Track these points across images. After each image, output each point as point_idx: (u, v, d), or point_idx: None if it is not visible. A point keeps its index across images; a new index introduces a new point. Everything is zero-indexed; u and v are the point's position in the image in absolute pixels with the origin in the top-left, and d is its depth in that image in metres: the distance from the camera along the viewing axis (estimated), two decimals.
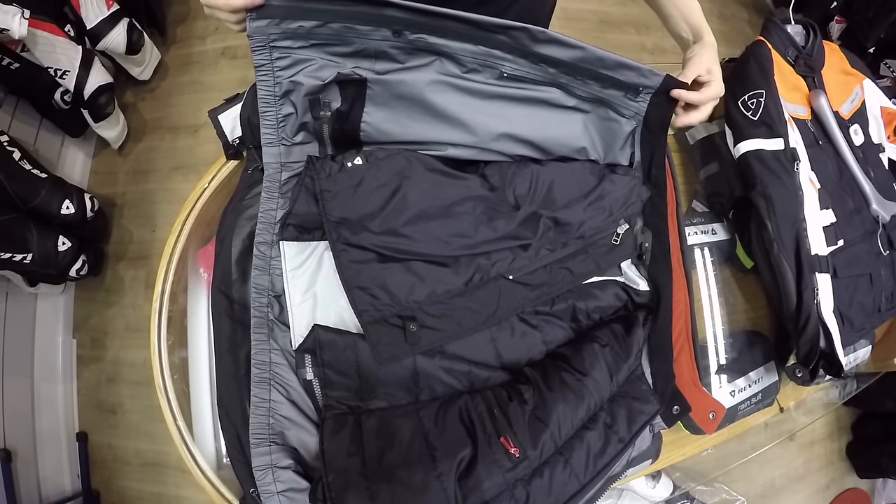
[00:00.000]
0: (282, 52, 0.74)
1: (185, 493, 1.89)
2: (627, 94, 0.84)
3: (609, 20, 2.46)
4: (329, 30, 0.73)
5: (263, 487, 0.73)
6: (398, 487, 0.67)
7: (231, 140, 0.84)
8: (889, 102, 1.23)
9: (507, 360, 0.83)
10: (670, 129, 1.21)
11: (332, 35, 0.74)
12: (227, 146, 0.85)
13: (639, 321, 0.82)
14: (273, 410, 0.77)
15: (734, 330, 1.13)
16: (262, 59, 0.74)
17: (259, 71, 0.75)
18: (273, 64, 0.75)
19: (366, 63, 0.78)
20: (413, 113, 0.80)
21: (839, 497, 2.25)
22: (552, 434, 0.71)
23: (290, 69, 0.76)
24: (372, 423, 0.75)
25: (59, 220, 1.69)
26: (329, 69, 0.76)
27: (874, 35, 2.18)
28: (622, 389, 0.79)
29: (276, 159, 0.80)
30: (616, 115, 0.88)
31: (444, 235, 0.77)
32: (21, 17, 1.48)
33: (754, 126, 1.03)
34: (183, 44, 2.29)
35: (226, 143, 0.85)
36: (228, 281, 0.83)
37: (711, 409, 0.87)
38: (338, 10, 0.71)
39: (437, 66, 0.78)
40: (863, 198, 1.12)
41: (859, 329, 1.09)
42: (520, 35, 0.75)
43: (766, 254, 1.01)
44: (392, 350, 0.76)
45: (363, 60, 0.78)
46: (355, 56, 0.77)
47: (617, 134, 0.89)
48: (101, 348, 2.01)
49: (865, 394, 1.47)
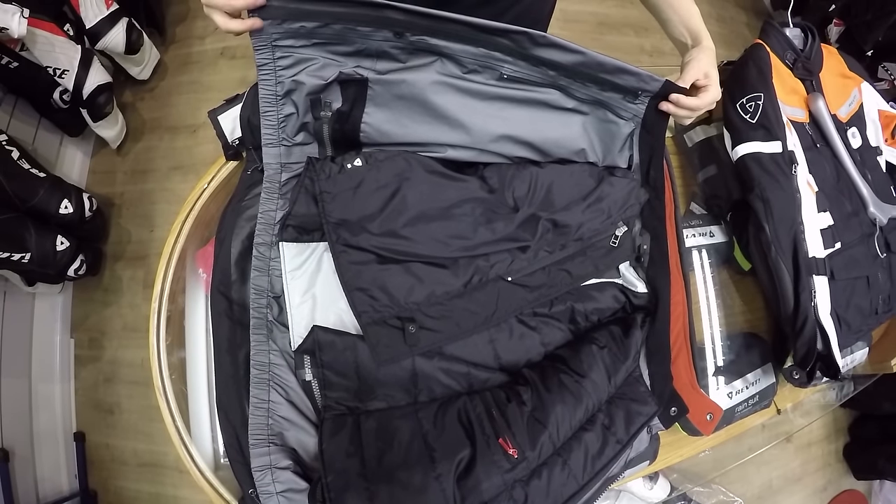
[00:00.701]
0: (284, 52, 0.75)
1: (182, 494, 1.89)
2: (626, 96, 0.84)
3: (608, 22, 2.46)
4: (331, 30, 0.73)
5: (262, 488, 0.73)
6: (397, 488, 0.67)
7: (231, 141, 0.84)
8: (887, 105, 1.24)
9: (506, 362, 0.83)
10: (669, 132, 1.22)
11: (334, 35, 0.74)
12: (227, 147, 0.85)
13: (637, 323, 0.82)
14: (272, 411, 0.77)
15: (732, 332, 1.14)
16: (265, 58, 0.74)
17: (261, 70, 0.75)
18: (275, 63, 0.75)
19: (367, 62, 0.78)
20: (413, 114, 0.80)
21: (836, 498, 2.25)
22: (550, 435, 0.71)
23: (293, 68, 0.76)
24: (371, 424, 0.75)
25: (58, 220, 1.69)
26: (331, 68, 0.77)
27: (872, 38, 2.19)
28: (620, 391, 0.79)
29: (277, 160, 0.80)
30: (614, 116, 0.88)
31: (443, 237, 0.78)
32: (20, 16, 1.47)
33: (752, 129, 1.03)
34: (182, 43, 2.29)
35: (225, 143, 0.85)
36: (228, 282, 0.83)
37: (709, 410, 0.87)
38: (338, 12, 0.71)
39: (438, 67, 0.78)
40: (860, 201, 1.12)
41: (856, 331, 1.09)
42: (520, 39, 0.76)
43: (763, 256, 1.02)
44: (391, 351, 0.77)
45: (365, 59, 0.78)
46: (357, 55, 0.78)
47: (615, 136, 0.90)
48: (98, 348, 2.01)
49: (862, 396, 1.48)
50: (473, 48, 0.76)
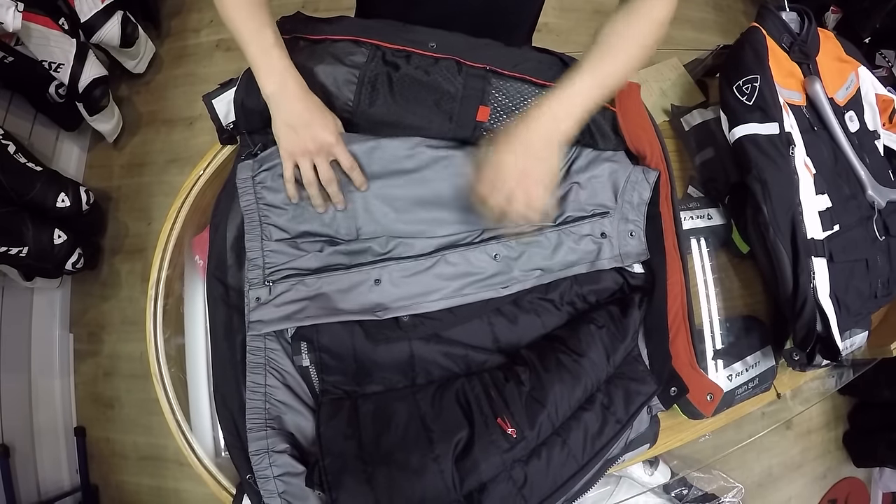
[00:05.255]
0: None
1: (183, 486, 1.90)
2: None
3: (603, 10, 2.45)
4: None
5: (259, 472, 0.73)
6: (395, 470, 0.67)
7: (225, 124, 0.84)
8: (884, 90, 1.23)
9: (504, 344, 0.83)
10: (665, 115, 1.22)
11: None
12: (222, 131, 0.85)
13: (635, 303, 0.82)
14: (269, 395, 0.77)
15: (731, 315, 1.13)
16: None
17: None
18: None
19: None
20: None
21: (836, 486, 2.26)
22: (549, 415, 0.71)
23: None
24: (368, 407, 0.76)
25: (55, 214, 1.69)
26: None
27: (870, 25, 2.18)
28: (619, 371, 0.79)
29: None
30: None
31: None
32: (15, 10, 1.47)
33: (749, 111, 1.03)
34: (177, 36, 2.28)
35: (220, 127, 0.84)
36: (224, 267, 0.83)
37: (709, 390, 0.86)
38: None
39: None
40: (858, 184, 1.12)
41: (856, 314, 1.09)
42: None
43: (762, 238, 1.01)
44: (387, 333, 0.77)
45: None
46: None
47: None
48: (97, 342, 2.01)
49: (862, 383, 1.48)
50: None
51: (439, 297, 0.79)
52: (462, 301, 0.80)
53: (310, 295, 0.78)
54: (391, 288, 0.78)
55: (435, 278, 0.79)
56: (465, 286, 0.80)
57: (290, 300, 0.78)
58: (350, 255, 0.81)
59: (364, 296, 0.78)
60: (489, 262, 0.81)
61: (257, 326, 0.77)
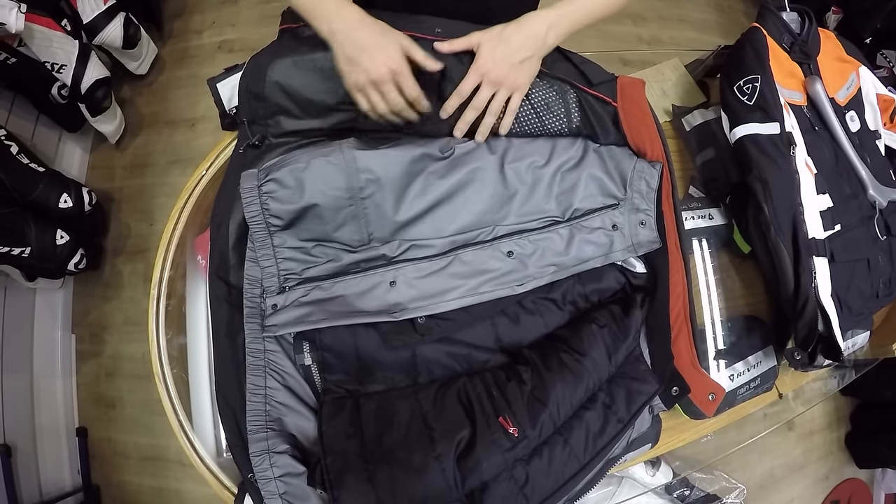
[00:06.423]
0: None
1: (185, 487, 1.89)
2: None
3: None
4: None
5: (260, 473, 0.73)
6: (397, 468, 0.67)
7: (228, 109, 0.84)
8: (885, 90, 1.23)
9: (507, 343, 0.83)
10: (666, 115, 1.22)
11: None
12: (224, 115, 0.85)
13: (637, 302, 0.82)
14: (269, 397, 0.77)
15: (732, 315, 1.13)
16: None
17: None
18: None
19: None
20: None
21: (838, 487, 2.25)
22: (551, 414, 0.71)
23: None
24: (370, 406, 0.76)
25: (58, 214, 1.69)
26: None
27: (871, 26, 2.18)
28: (621, 370, 0.79)
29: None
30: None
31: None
32: (17, 11, 1.47)
33: (750, 111, 1.03)
34: (180, 38, 2.29)
35: (223, 112, 0.84)
36: (226, 266, 0.83)
37: (711, 390, 0.86)
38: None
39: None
40: (859, 184, 1.12)
41: (857, 314, 1.09)
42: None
43: (763, 237, 1.01)
44: (404, 339, 0.78)
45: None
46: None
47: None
48: (100, 343, 2.01)
49: (864, 384, 1.47)
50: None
51: (456, 295, 0.79)
52: (478, 299, 0.80)
53: (326, 297, 0.78)
54: (407, 289, 0.78)
55: (450, 277, 0.79)
56: (480, 284, 0.80)
57: (307, 302, 0.78)
58: (362, 262, 0.81)
59: (380, 298, 0.78)
60: (503, 260, 0.81)
61: (273, 329, 0.77)
